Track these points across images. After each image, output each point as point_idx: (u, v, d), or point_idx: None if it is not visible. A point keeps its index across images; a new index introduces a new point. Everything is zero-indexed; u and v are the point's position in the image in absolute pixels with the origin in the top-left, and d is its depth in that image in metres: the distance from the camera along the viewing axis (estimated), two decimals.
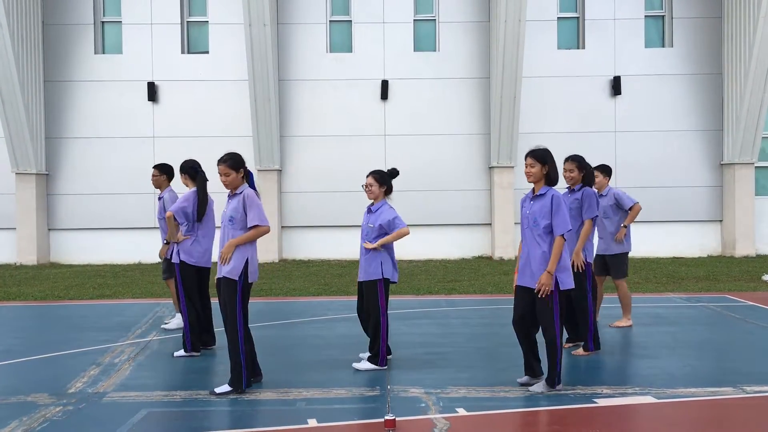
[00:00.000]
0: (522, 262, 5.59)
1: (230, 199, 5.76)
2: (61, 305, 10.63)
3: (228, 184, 5.71)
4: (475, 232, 17.20)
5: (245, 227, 5.63)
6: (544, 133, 16.44)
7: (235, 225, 5.64)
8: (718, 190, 17.10)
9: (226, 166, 5.67)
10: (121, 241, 16.98)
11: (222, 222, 5.78)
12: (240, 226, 5.64)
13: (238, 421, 4.91)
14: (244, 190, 5.71)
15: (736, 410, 5.08)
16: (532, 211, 5.54)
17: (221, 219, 5.79)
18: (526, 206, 5.63)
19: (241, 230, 5.64)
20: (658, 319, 8.70)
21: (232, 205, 5.71)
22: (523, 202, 5.71)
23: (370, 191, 6.42)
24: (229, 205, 5.74)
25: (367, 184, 6.44)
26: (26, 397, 5.50)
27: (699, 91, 17.05)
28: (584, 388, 5.58)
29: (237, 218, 5.64)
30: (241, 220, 5.64)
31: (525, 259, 5.56)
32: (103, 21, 17.30)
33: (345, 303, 10.28)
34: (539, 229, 5.46)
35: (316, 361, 6.65)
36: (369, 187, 6.42)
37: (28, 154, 16.32)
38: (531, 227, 5.52)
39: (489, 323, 8.66)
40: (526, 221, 5.58)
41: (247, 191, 5.70)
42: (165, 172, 8.12)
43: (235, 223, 5.64)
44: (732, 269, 14.01)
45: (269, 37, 15.81)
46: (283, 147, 17.06)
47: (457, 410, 5.04)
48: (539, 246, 5.45)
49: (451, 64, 17.11)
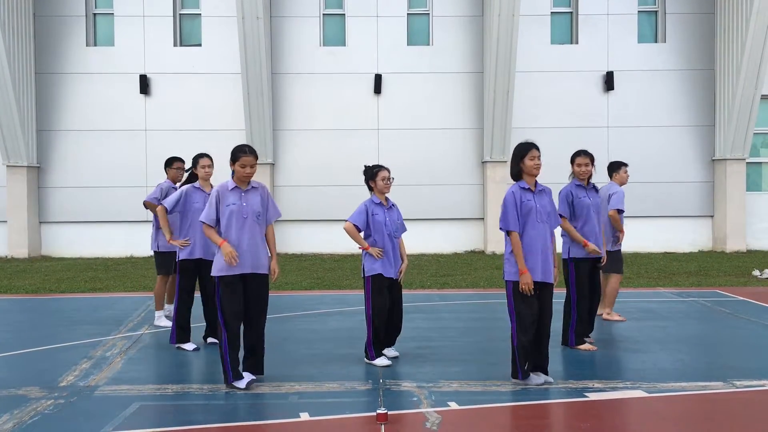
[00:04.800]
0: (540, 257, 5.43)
1: (244, 194, 5.55)
2: (52, 299, 10.59)
3: (251, 177, 5.59)
4: (468, 226, 17.22)
5: (265, 221, 5.64)
6: (537, 127, 16.47)
7: (261, 220, 5.60)
8: (709, 186, 17.17)
9: (254, 157, 5.55)
10: (113, 235, 16.92)
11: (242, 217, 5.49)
12: (262, 221, 5.62)
13: (231, 415, 4.91)
14: (259, 184, 5.68)
15: (726, 404, 5.11)
16: (542, 204, 5.50)
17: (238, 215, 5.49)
18: (532, 200, 5.46)
19: (264, 225, 5.62)
20: (649, 313, 8.74)
21: (254, 200, 5.56)
22: (521, 195, 5.46)
23: (390, 185, 6.34)
24: (247, 200, 5.53)
25: (388, 177, 6.34)
26: (17, 390, 5.48)
27: (691, 87, 17.10)
28: (575, 383, 5.60)
29: (263, 213, 5.62)
30: (264, 215, 5.63)
31: (542, 254, 5.44)
32: (95, 13, 17.19)
33: (338, 297, 10.29)
34: (552, 223, 5.56)
35: (309, 355, 6.65)
36: (390, 180, 6.33)
37: (19, 147, 16.22)
38: (546, 221, 5.49)
39: (481, 317, 8.69)
40: (538, 215, 5.44)
41: (263, 185, 5.73)
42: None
43: (261, 218, 5.60)
44: (723, 264, 14.09)
45: (262, 30, 15.75)
46: (276, 141, 17.02)
47: (449, 404, 5.05)
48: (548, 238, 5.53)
49: (444, 58, 17.10)
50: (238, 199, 5.54)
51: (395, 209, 6.41)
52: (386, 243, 6.24)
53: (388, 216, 6.29)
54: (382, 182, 6.28)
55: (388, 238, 6.24)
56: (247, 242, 5.50)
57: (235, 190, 5.58)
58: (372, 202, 6.31)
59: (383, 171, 6.31)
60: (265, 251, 5.63)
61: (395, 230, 6.32)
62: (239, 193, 5.57)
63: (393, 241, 6.28)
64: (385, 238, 6.23)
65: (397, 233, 6.35)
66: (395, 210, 6.40)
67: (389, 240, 6.25)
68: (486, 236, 16.88)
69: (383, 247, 6.22)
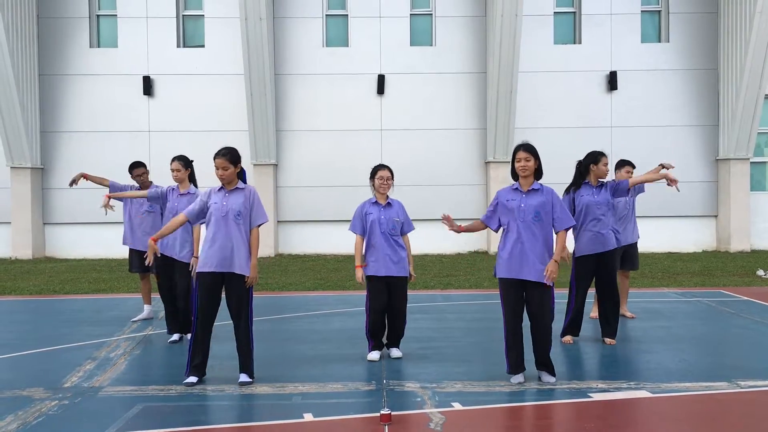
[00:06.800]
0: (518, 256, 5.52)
1: (228, 194, 5.71)
2: (56, 299, 10.61)
3: (224, 178, 5.70)
4: None
5: (248, 223, 5.70)
6: (540, 128, 16.46)
7: (242, 221, 5.68)
8: (713, 186, 17.14)
9: (226, 159, 5.67)
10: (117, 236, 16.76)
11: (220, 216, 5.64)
12: (245, 222, 5.69)
13: (234, 416, 4.91)
14: (247, 186, 5.79)
15: (730, 405, 5.10)
16: (528, 205, 5.54)
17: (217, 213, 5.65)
18: (516, 199, 5.60)
19: (245, 226, 5.68)
20: (653, 313, 8.73)
21: (236, 200, 5.68)
22: (507, 195, 5.66)
23: (387, 185, 6.39)
24: (228, 200, 5.67)
25: (386, 177, 6.40)
26: (21, 391, 5.49)
27: (695, 87, 17.06)
28: (579, 383, 5.59)
29: (245, 214, 5.68)
30: (246, 215, 5.70)
31: (519, 252, 5.52)
32: (98, 14, 17.22)
33: (341, 298, 10.29)
34: (541, 222, 5.52)
35: (312, 356, 6.65)
36: (387, 180, 6.39)
37: (23, 148, 16.25)
38: (529, 221, 5.52)
39: (485, 318, 8.68)
40: (520, 214, 5.55)
41: (251, 187, 5.83)
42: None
43: (241, 218, 5.67)
44: (727, 264, 14.05)
45: (265, 31, 15.76)
46: (279, 141, 17.03)
47: (452, 405, 5.04)
48: (537, 239, 5.51)
49: (447, 58, 17.09)
50: (220, 199, 5.72)
51: (395, 208, 6.41)
52: (380, 241, 6.30)
53: (383, 214, 6.34)
54: (378, 181, 6.38)
55: (382, 236, 6.30)
56: (220, 240, 5.62)
57: (221, 191, 5.77)
58: (369, 202, 6.45)
59: (381, 171, 6.42)
60: (245, 253, 5.66)
61: (391, 228, 6.35)
62: (224, 194, 5.75)
63: (390, 239, 6.30)
64: (378, 236, 6.31)
65: (394, 231, 6.37)
66: (394, 209, 6.41)
67: (384, 238, 6.30)
68: (489, 236, 16.85)
69: (376, 245, 6.31)
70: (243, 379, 5.67)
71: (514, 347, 5.63)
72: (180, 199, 7.28)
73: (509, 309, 5.63)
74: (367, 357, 6.40)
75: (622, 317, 8.26)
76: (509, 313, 5.63)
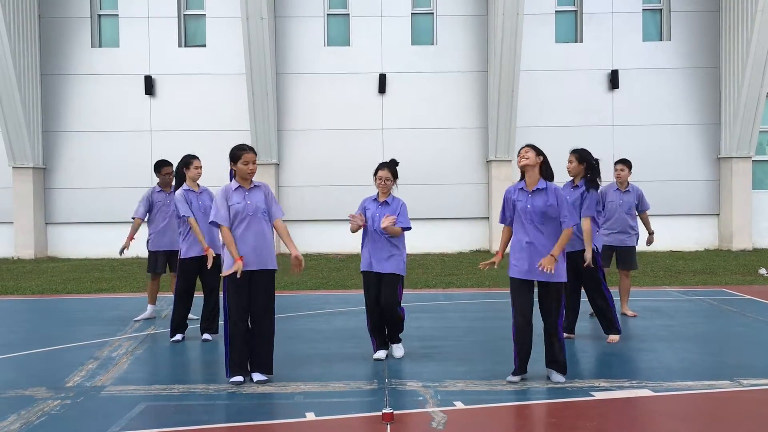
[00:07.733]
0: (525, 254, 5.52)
1: (248, 192, 5.67)
2: (58, 299, 10.63)
3: (254, 173, 5.70)
4: (473, 225, 17.21)
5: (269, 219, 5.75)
6: (542, 126, 16.45)
7: (266, 217, 5.72)
8: (715, 184, 17.12)
9: (254, 154, 5.71)
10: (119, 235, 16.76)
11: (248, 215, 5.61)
12: (268, 218, 5.74)
13: (236, 415, 4.92)
14: (261, 183, 5.83)
15: (732, 403, 5.10)
16: (534, 206, 5.54)
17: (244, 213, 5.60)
18: (522, 200, 5.60)
19: (268, 221, 5.74)
20: (655, 312, 8.73)
21: (257, 197, 5.69)
22: (513, 194, 5.67)
23: (386, 185, 6.40)
24: (251, 198, 5.65)
25: (385, 177, 6.40)
26: (24, 391, 5.50)
27: (696, 85, 17.05)
28: (582, 382, 5.60)
29: (267, 210, 5.73)
30: (268, 212, 5.75)
31: (528, 252, 5.52)
32: (99, 14, 17.24)
33: (343, 297, 10.30)
34: (549, 222, 5.53)
35: (314, 355, 6.66)
36: (386, 181, 6.39)
37: (25, 148, 16.27)
38: (536, 222, 5.53)
39: (486, 317, 8.68)
40: (527, 215, 5.55)
41: (265, 183, 5.88)
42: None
43: (266, 215, 5.72)
44: (729, 263, 14.04)
45: (267, 30, 15.77)
46: (281, 141, 17.04)
47: (454, 403, 5.05)
48: (545, 238, 5.52)
49: (448, 57, 17.08)
50: (242, 198, 5.65)
51: (392, 206, 6.38)
52: (372, 236, 6.34)
53: (378, 212, 6.35)
54: (377, 181, 6.44)
55: (375, 233, 6.34)
56: (252, 240, 5.61)
57: (239, 190, 5.69)
58: (370, 198, 6.53)
59: (380, 171, 6.45)
60: (272, 247, 5.72)
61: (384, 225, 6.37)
62: (243, 192, 5.68)
63: (381, 236, 6.32)
64: (371, 232, 6.38)
65: None
66: (392, 207, 6.38)
67: (376, 234, 6.33)
68: (491, 235, 16.84)
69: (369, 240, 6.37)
70: (260, 378, 5.62)
71: (522, 349, 5.60)
72: (201, 197, 7.38)
73: (517, 309, 5.60)
74: (373, 356, 6.38)
75: (624, 316, 8.27)
76: (517, 313, 5.60)
